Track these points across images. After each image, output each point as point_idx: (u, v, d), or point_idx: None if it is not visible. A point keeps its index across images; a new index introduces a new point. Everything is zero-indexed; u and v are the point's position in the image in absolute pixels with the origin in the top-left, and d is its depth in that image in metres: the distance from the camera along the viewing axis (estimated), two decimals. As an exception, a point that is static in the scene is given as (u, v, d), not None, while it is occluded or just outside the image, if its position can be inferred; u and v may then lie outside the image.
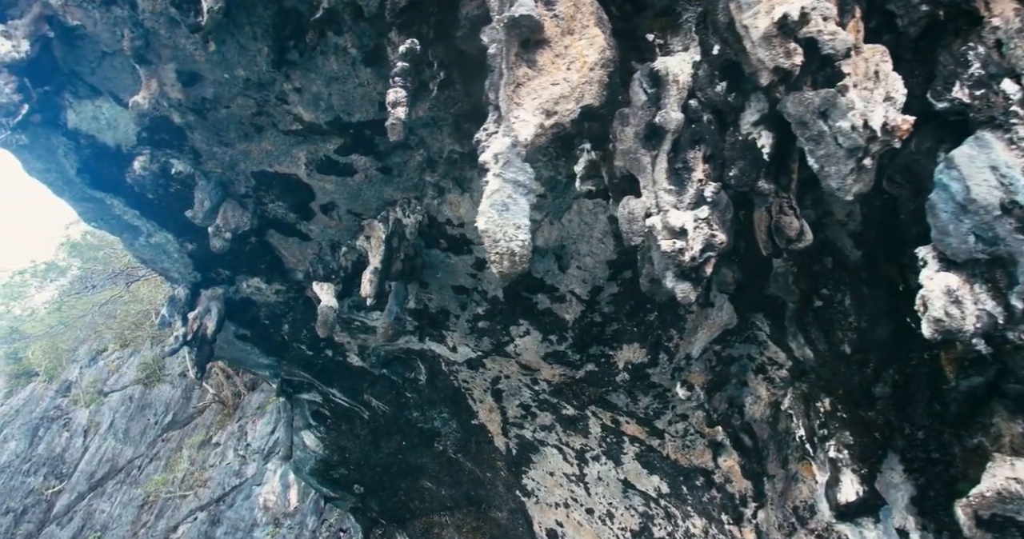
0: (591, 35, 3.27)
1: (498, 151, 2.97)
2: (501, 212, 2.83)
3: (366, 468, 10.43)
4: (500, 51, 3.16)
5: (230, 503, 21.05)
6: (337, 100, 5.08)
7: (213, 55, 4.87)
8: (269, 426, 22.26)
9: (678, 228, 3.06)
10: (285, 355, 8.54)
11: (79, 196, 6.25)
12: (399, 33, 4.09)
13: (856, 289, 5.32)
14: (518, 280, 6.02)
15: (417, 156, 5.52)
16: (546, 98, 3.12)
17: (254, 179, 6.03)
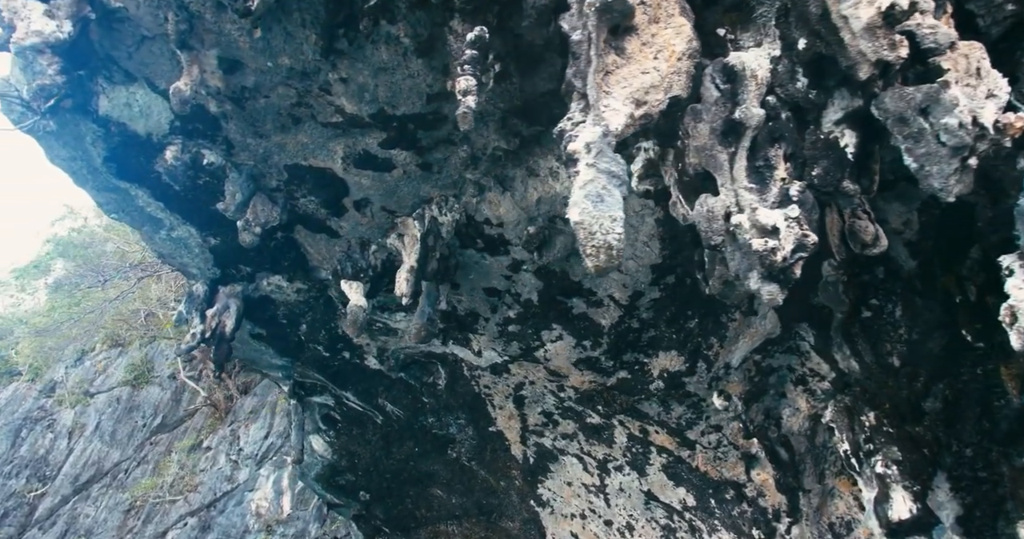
0: (677, 24, 3.21)
1: (590, 140, 2.90)
2: (596, 203, 2.75)
3: (374, 474, 10.28)
4: (587, 37, 3.10)
5: (221, 509, 20.78)
6: (383, 92, 5.00)
7: (258, 42, 4.79)
8: (262, 431, 22.03)
9: (769, 227, 2.99)
10: (300, 356, 8.41)
11: (102, 186, 6.13)
12: (463, 21, 4.02)
13: (909, 300, 5.27)
14: (554, 283, 5.95)
15: (460, 152, 5.45)
16: (636, 87, 3.06)
17: (287, 172, 5.94)
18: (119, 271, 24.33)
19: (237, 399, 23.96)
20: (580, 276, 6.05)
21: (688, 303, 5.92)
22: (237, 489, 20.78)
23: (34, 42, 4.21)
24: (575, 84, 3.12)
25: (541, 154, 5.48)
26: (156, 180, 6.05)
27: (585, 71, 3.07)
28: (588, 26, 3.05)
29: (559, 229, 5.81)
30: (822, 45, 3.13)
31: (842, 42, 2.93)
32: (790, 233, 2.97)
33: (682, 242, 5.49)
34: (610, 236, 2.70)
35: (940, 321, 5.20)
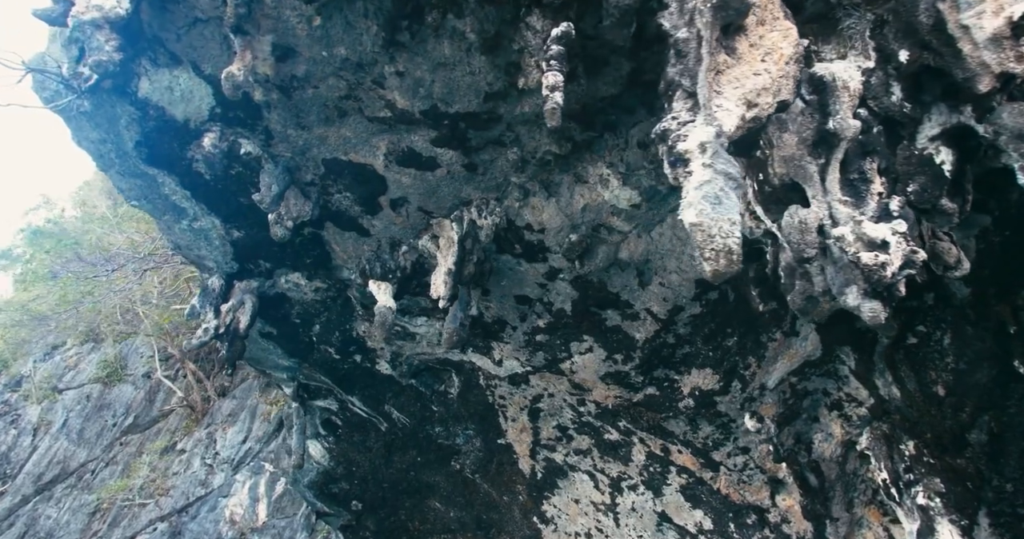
0: (784, 27, 3.19)
1: (704, 140, 2.85)
2: (714, 205, 2.69)
3: (371, 483, 10.08)
4: (695, 35, 3.06)
5: (193, 514, 20.30)
6: (439, 88, 4.93)
7: (316, 30, 4.71)
8: (240, 435, 21.62)
9: (878, 241, 2.96)
10: (309, 358, 8.25)
11: (129, 171, 5.98)
12: (543, 16, 3.98)
13: (959, 328, 5.27)
14: (590, 294, 5.89)
15: (509, 155, 5.39)
16: (749, 88, 3.02)
17: (324, 167, 5.84)
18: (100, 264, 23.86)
19: (215, 401, 23.52)
20: (618, 288, 6.00)
21: (729, 320, 5.88)
22: (211, 494, 20.33)
23: (94, 17, 4.10)
24: (681, 83, 3.07)
25: (591, 160, 5.44)
26: (187, 168, 5.92)
27: (695, 70, 3.03)
28: (699, 23, 3.02)
29: (602, 238, 5.76)
30: (930, 57, 3.11)
31: (959, 53, 2.92)
32: (899, 248, 2.94)
33: (730, 258, 5.45)
34: (730, 240, 2.64)
35: (991, 351, 5.20)
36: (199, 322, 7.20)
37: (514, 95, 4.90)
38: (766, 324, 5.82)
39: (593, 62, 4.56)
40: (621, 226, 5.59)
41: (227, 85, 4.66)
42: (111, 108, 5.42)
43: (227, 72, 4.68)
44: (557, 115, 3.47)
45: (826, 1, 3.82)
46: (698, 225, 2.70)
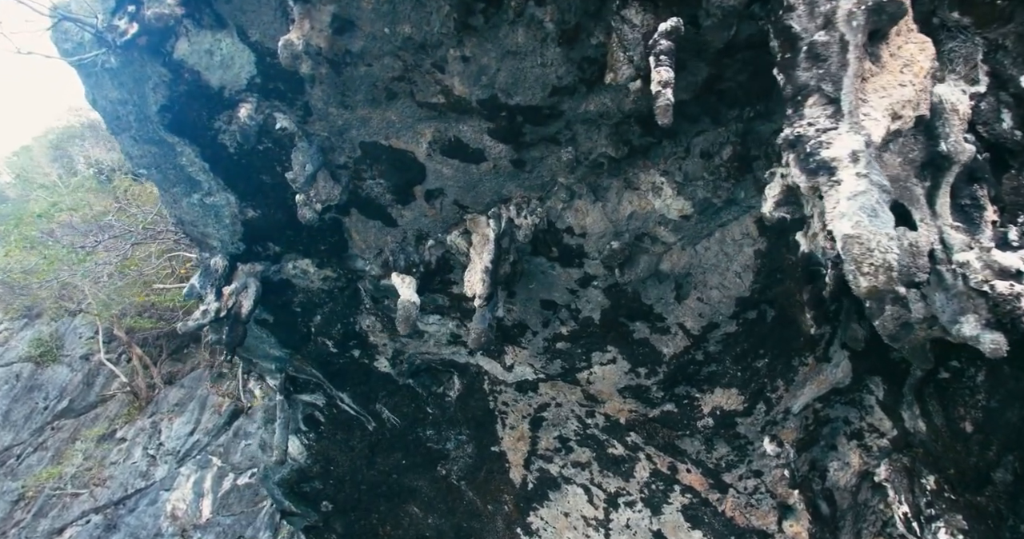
0: (920, 40, 3.17)
1: (856, 149, 2.79)
2: (872, 218, 2.63)
3: (347, 484, 9.81)
4: (836, 39, 3.01)
5: (131, 507, 19.52)
6: (504, 77, 4.81)
7: (383, 4, 4.53)
8: (188, 426, 20.90)
9: (1012, 270, 2.94)
10: (302, 349, 7.97)
11: (146, 137, 5.68)
12: (642, 10, 3.88)
13: (995, 367, 5.35)
14: (623, 303, 5.82)
15: (562, 153, 5.28)
16: (896, 99, 2.98)
17: (360, 150, 5.64)
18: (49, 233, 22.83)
19: (161, 389, 22.70)
20: (652, 300, 5.94)
21: (763, 341, 5.88)
22: (152, 487, 19.57)
23: (157, -35, 3.85)
24: (820, 87, 3.02)
25: (644, 167, 5.38)
26: (211, 139, 5.66)
27: (838, 75, 2.97)
28: (842, 27, 2.96)
29: (644, 248, 5.69)
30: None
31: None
32: (1029, 280, 2.93)
33: (774, 277, 5.46)
34: (889, 255, 2.57)
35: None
36: (196, 303, 6.89)
37: (582, 92, 4.80)
38: (800, 348, 5.84)
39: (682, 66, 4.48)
40: (666, 237, 5.53)
41: (285, 54, 4.45)
42: (140, 67, 5.14)
43: (286, 40, 4.47)
44: (669, 112, 3.39)
45: (928, 23, 3.84)
46: (855, 237, 2.63)
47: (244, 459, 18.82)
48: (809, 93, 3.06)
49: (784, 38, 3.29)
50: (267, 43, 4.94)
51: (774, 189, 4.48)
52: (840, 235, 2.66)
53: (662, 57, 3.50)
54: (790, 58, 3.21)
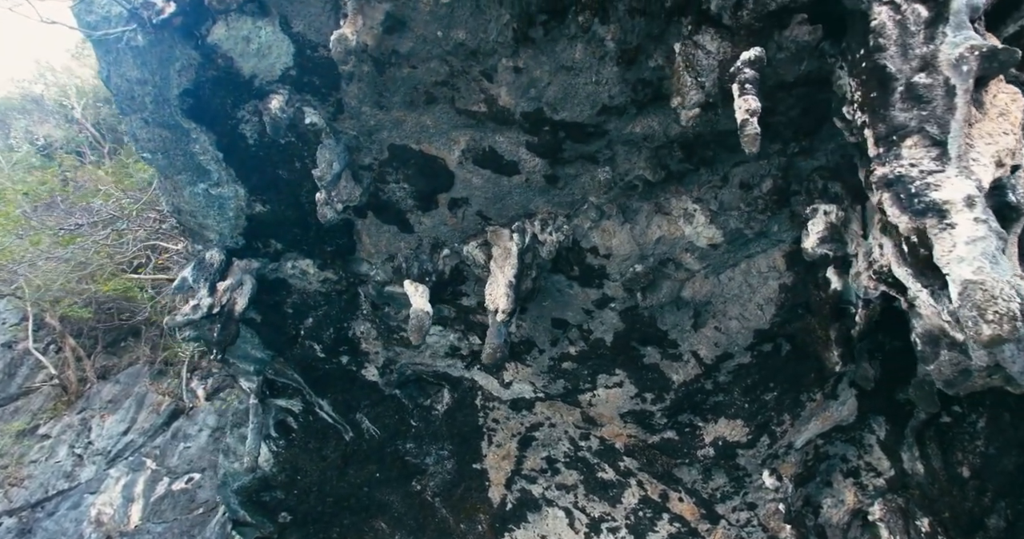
0: (1011, 91, 3.31)
1: (971, 194, 2.89)
2: (993, 264, 2.72)
3: (313, 496, 9.58)
4: (941, 83, 3.12)
5: (51, 511, 18.55)
6: (554, 91, 4.84)
7: (441, 7, 4.52)
8: (122, 425, 20.04)
9: (1083, 326, 3.08)
10: (287, 352, 7.79)
11: (159, 120, 5.51)
12: (719, 38, 3.97)
13: (996, 414, 5.60)
14: (637, 328, 5.89)
15: (599, 173, 5.33)
16: (1002, 146, 3.10)
17: (388, 152, 5.59)
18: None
19: (93, 383, 21.72)
20: (668, 326, 6.02)
21: (774, 375, 6.01)
22: (76, 489, 18.65)
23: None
24: (923, 129, 3.12)
25: (677, 193, 5.47)
26: (231, 128, 5.53)
27: (944, 118, 3.08)
28: (949, 71, 3.08)
29: (667, 274, 5.77)
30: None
31: None
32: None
33: (795, 312, 5.61)
34: (1013, 304, 2.65)
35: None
36: (186, 296, 6.68)
37: (631, 113, 4.87)
38: (809, 384, 5.99)
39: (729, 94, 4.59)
40: (692, 264, 5.63)
41: (338, 49, 4.39)
42: (169, 48, 4.99)
43: (340, 35, 4.41)
44: (758, 141, 3.46)
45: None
46: (978, 283, 2.71)
47: (182, 463, 18.06)
48: (908, 134, 3.17)
49: (871, 77, 3.40)
50: (310, 35, 4.87)
51: (817, 225, 4.61)
52: (960, 280, 2.75)
53: (747, 86, 3.58)
54: (879, 97, 3.32)
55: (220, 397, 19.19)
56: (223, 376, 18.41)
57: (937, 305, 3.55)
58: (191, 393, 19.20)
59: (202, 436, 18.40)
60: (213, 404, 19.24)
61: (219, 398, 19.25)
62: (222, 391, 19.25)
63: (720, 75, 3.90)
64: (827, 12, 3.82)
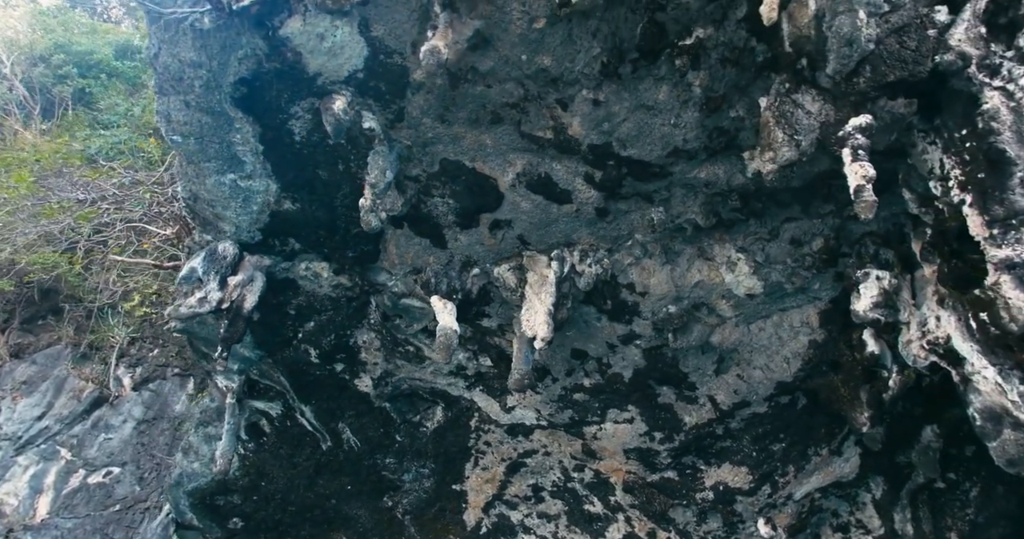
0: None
1: None
2: None
3: (273, 503, 9.33)
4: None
5: (-58, 498, 17.46)
6: (627, 127, 4.92)
7: (532, 32, 4.55)
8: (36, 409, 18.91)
9: None
10: (278, 354, 7.60)
11: (204, 106, 5.35)
12: (821, 100, 4.10)
13: (990, 485, 5.90)
14: (659, 367, 6.00)
15: (651, 212, 5.43)
16: None
17: (439, 166, 5.57)
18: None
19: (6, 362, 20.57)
20: (690, 368, 6.15)
21: (787, 427, 6.20)
22: (-25, 476, 17.61)
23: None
24: None
25: (721, 240, 5.61)
26: (280, 122, 5.42)
27: None
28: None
29: (698, 318, 5.90)
30: None
31: None
32: None
33: (820, 368, 5.80)
34: None
35: (1012, 513, 5.85)
36: (192, 288, 6.47)
37: (700, 158, 4.99)
38: (818, 438, 6.20)
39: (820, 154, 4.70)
40: (725, 311, 5.77)
41: (430, 60, 4.38)
42: (236, 35, 4.87)
43: (433, 47, 4.40)
44: (874, 208, 3.59)
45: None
46: None
47: (101, 455, 17.03)
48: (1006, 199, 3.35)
49: (980, 159, 3.58)
50: (388, 41, 4.82)
51: (870, 290, 4.80)
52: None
53: (860, 152, 3.70)
54: (992, 180, 3.50)
55: (149, 388, 18.26)
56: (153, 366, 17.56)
57: (1005, 384, 3.75)
58: (117, 381, 18.27)
59: (126, 428, 17.32)
60: (141, 395, 18.31)
61: (148, 389, 18.32)
62: (151, 381, 18.31)
63: (820, 136, 4.03)
64: (923, 88, 4.01)
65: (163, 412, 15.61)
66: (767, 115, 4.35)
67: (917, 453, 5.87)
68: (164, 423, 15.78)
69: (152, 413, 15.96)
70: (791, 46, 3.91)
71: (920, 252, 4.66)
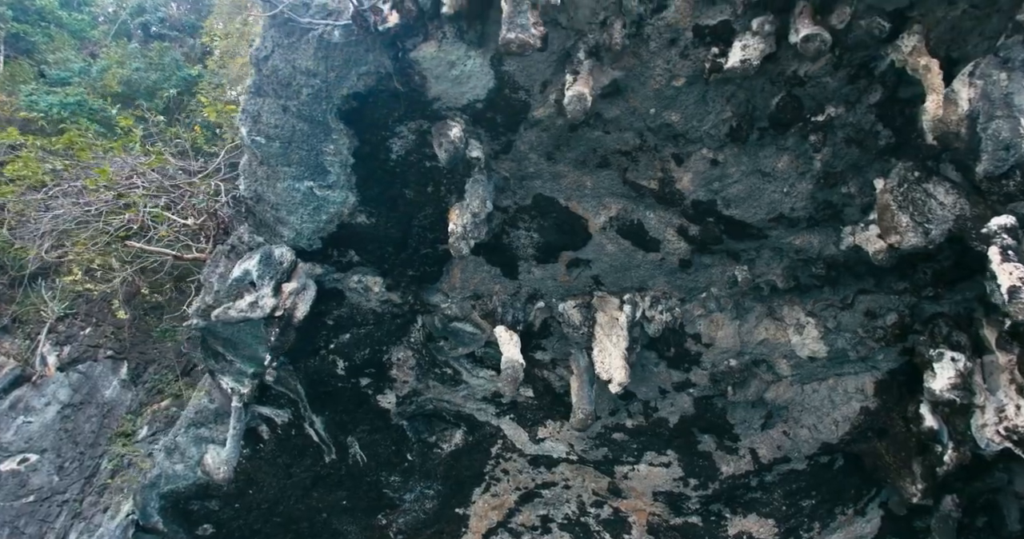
0: None
1: None
2: None
3: (256, 512, 9.15)
4: None
5: None
6: (738, 189, 5.15)
7: (668, 88, 4.74)
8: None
9: None
10: (301, 362, 7.51)
11: (304, 113, 5.32)
12: (957, 193, 4.39)
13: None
14: (707, 416, 6.26)
15: (735, 270, 5.67)
16: None
17: (532, 200, 5.68)
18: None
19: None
20: (736, 420, 6.41)
21: (820, 485, 6.53)
22: None
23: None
24: None
25: (791, 302, 5.91)
26: (380, 139, 5.45)
27: None
28: None
29: (756, 373, 6.17)
30: None
31: None
32: None
33: (866, 434, 6.15)
34: None
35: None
36: (242, 289, 6.36)
37: (801, 227, 5.26)
38: (847, 499, 6.56)
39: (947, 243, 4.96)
40: (783, 370, 6.06)
41: (577, 106, 4.50)
42: (363, 52, 4.89)
43: (579, 93, 4.53)
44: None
45: None
46: None
47: (18, 440, 15.73)
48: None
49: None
50: (517, 77, 4.92)
51: (947, 371, 5.15)
52: None
53: (1009, 253, 3.96)
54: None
55: (78, 370, 17.14)
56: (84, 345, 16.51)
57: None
58: (41, 359, 17.20)
59: (49, 411, 15.90)
60: (68, 376, 17.21)
61: (77, 370, 17.21)
62: (81, 362, 17.19)
63: (953, 227, 4.31)
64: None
65: (91, 397, 14.53)
66: (887, 198, 4.63)
67: (936, 521, 6.27)
68: (92, 409, 14.72)
69: (79, 397, 14.81)
70: (936, 140, 4.19)
71: (996, 340, 5.03)
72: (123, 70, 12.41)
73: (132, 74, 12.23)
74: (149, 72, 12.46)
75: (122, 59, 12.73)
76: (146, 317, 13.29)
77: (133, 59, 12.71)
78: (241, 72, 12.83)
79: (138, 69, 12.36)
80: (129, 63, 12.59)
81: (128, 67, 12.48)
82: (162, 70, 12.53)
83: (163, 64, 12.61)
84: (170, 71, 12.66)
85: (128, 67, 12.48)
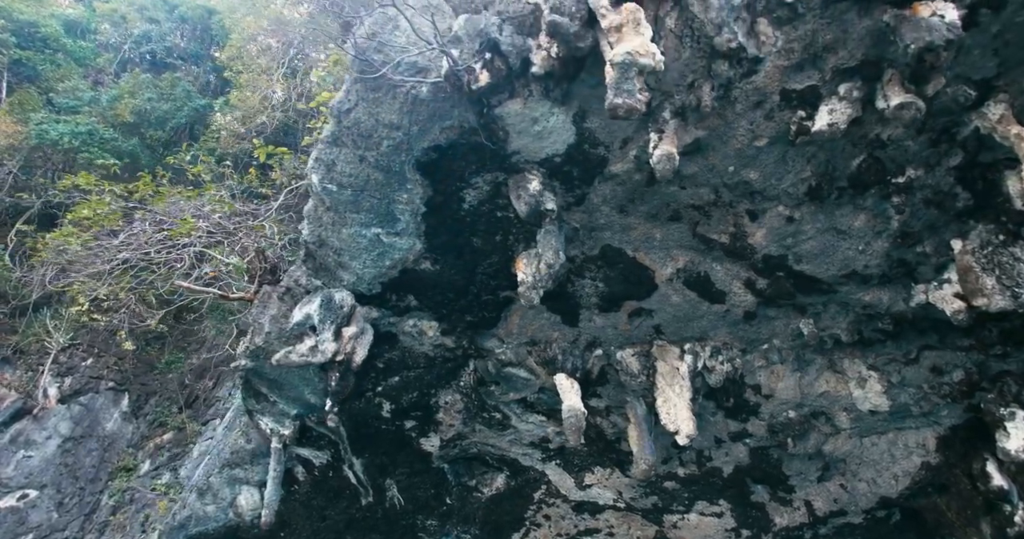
0: None
1: None
2: None
3: (285, 553, 9.06)
4: None
5: None
6: (811, 246, 5.26)
7: (750, 148, 4.86)
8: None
9: None
10: (345, 404, 7.49)
11: (381, 163, 5.40)
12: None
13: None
14: (761, 467, 6.30)
15: (800, 323, 5.75)
16: None
17: (599, 250, 5.77)
18: None
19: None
20: (792, 472, 6.45)
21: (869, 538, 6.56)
22: None
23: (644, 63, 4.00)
24: None
25: (852, 356, 5.98)
26: (454, 190, 5.54)
27: None
28: None
29: (814, 425, 6.23)
30: None
31: None
32: None
33: (927, 490, 6.21)
34: None
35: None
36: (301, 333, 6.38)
37: (872, 283, 5.36)
38: (898, 553, 6.59)
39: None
40: (843, 423, 6.12)
41: (666, 165, 4.59)
42: (449, 107, 5.00)
43: (668, 153, 4.63)
44: None
45: None
46: None
47: (18, 475, 15.28)
48: None
49: None
50: (598, 133, 5.04)
51: (1021, 431, 5.23)
52: None
53: None
54: None
55: (80, 402, 16.85)
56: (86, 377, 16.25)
57: None
58: (44, 392, 16.92)
59: (50, 445, 15.38)
60: (70, 408, 16.92)
61: (78, 402, 16.92)
62: (82, 394, 16.94)
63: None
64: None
65: (92, 430, 14.23)
66: (968, 260, 4.75)
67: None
68: (93, 443, 14.39)
69: (80, 430, 14.43)
70: (1025, 206, 4.33)
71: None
72: (135, 100, 12.51)
73: (144, 104, 12.33)
74: (160, 102, 12.58)
75: (133, 89, 12.84)
76: (148, 347, 13.21)
77: (145, 89, 12.82)
78: (261, 105, 12.97)
79: (150, 99, 12.48)
80: (141, 93, 12.70)
81: (140, 97, 12.59)
82: (174, 100, 12.65)
83: (175, 94, 12.74)
84: (181, 101, 12.78)
85: (140, 97, 12.59)
